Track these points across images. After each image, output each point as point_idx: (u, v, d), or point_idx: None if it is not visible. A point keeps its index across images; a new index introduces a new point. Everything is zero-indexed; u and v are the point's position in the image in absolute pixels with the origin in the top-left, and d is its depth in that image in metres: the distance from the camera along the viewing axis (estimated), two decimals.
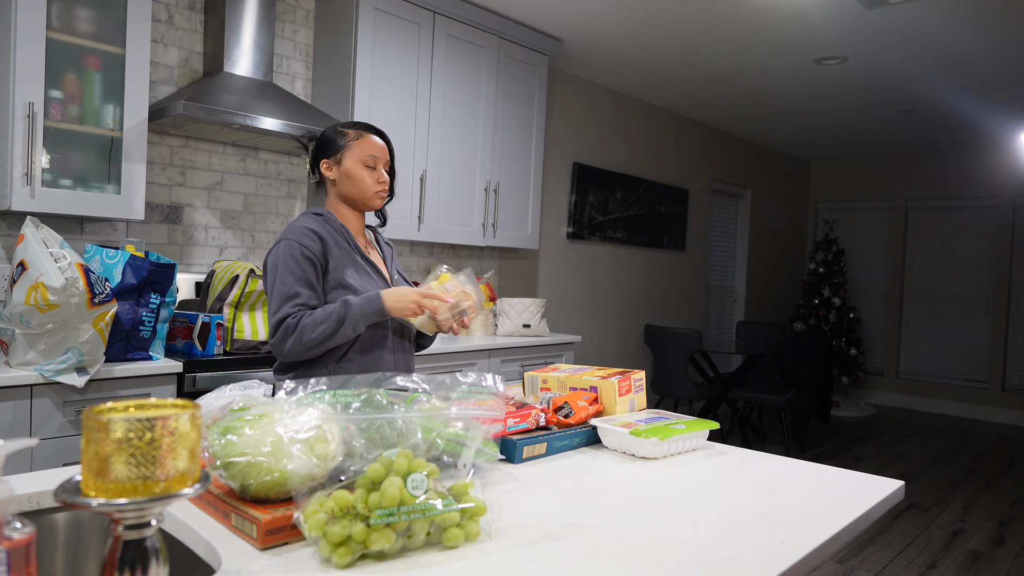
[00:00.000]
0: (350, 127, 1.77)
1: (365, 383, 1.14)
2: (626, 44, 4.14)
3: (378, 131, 1.79)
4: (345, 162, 1.73)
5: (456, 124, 3.61)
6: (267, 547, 0.91)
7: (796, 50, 4.10)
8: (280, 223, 3.27)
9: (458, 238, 3.64)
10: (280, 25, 3.22)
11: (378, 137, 1.77)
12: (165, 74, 2.87)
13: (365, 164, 1.73)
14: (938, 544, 3.53)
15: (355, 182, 1.74)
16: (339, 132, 1.76)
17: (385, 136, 1.80)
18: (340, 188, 1.76)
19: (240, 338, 2.61)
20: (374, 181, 1.75)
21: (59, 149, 2.38)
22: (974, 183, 6.89)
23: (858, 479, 1.33)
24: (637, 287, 5.48)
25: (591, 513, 1.09)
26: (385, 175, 1.77)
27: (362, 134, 1.75)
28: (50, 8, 2.30)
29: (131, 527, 0.65)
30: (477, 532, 0.95)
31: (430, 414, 1.09)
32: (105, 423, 0.62)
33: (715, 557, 0.94)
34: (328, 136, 1.77)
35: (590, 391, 1.61)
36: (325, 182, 1.79)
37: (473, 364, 3.36)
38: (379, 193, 1.76)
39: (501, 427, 1.35)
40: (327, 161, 1.75)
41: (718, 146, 6.29)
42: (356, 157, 1.73)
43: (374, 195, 1.75)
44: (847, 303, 7.23)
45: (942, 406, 7.04)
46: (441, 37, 3.49)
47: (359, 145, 1.73)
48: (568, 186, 4.79)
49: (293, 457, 0.93)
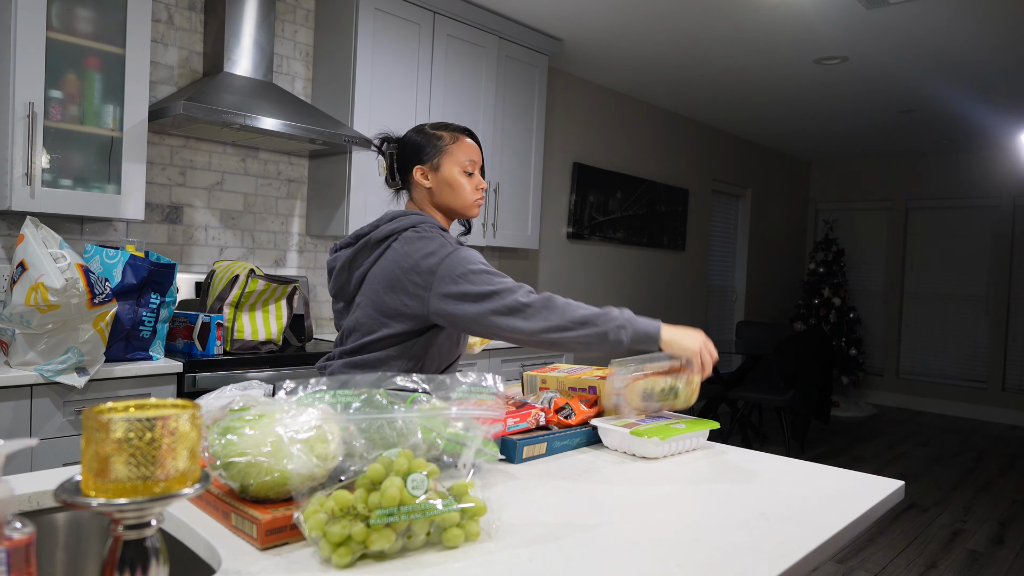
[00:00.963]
0: (442, 128, 1.64)
1: (365, 383, 1.14)
2: (626, 44, 4.14)
3: (471, 133, 1.67)
4: (444, 168, 1.60)
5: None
6: (267, 547, 0.91)
7: (796, 50, 4.10)
8: (280, 223, 3.27)
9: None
10: (280, 25, 3.22)
11: (472, 139, 1.65)
12: (165, 74, 2.87)
13: (464, 170, 1.61)
14: (938, 544, 3.53)
15: (455, 190, 1.60)
16: (432, 135, 1.62)
17: (477, 138, 1.68)
18: (437, 197, 1.62)
19: (240, 338, 2.61)
20: (473, 188, 1.62)
21: (59, 149, 2.38)
22: (974, 183, 6.89)
23: (858, 479, 1.33)
24: (637, 287, 5.48)
25: (591, 513, 1.09)
26: (483, 181, 1.65)
27: (458, 136, 1.62)
28: (50, 8, 2.31)
29: (131, 527, 0.65)
30: (477, 532, 0.95)
31: (430, 414, 1.09)
32: (105, 423, 0.62)
33: (715, 557, 0.94)
34: (418, 140, 1.63)
35: (589, 391, 1.61)
36: (411, 189, 1.64)
37: (473, 364, 3.36)
38: (478, 202, 1.64)
39: (501, 427, 1.35)
40: (422, 168, 1.61)
41: (718, 146, 6.29)
42: (456, 162, 1.60)
43: (473, 203, 1.63)
44: (847, 303, 7.23)
45: (942, 406, 7.04)
46: (441, 37, 3.49)
47: (458, 149, 1.61)
48: (568, 186, 4.79)
49: (293, 457, 0.93)
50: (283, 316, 2.73)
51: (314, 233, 3.33)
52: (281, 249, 3.28)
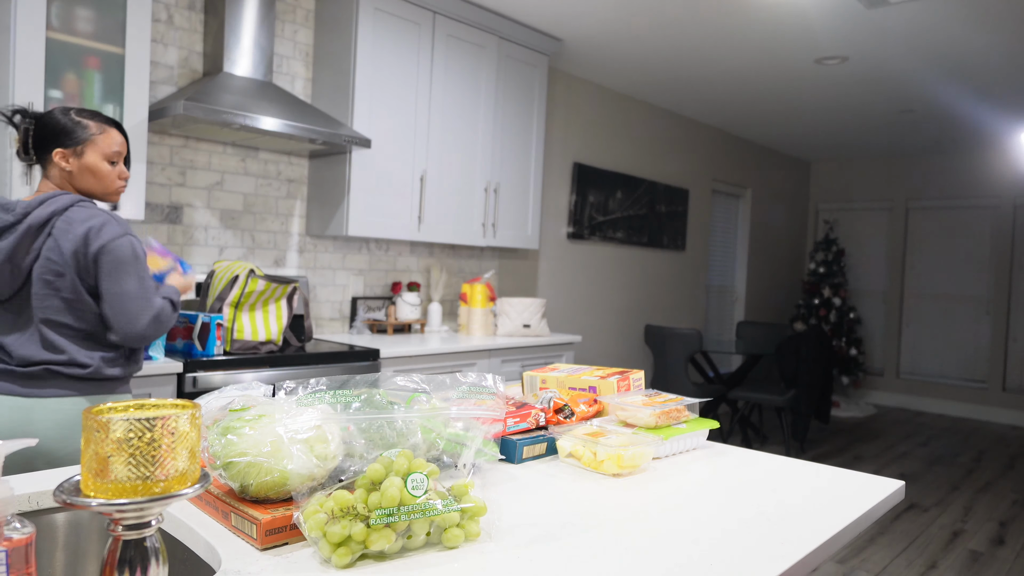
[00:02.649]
0: (89, 118, 1.69)
1: (365, 383, 1.14)
2: (626, 44, 4.14)
3: (119, 125, 1.74)
4: (88, 156, 1.68)
5: (456, 124, 3.61)
6: (267, 547, 0.91)
7: (796, 50, 4.10)
8: (280, 223, 3.27)
9: (458, 238, 3.64)
10: (280, 25, 3.22)
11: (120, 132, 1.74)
12: (165, 74, 2.87)
13: (109, 160, 1.70)
14: (938, 544, 3.53)
15: (99, 178, 1.70)
16: (79, 122, 1.67)
17: (124, 131, 1.76)
18: (77, 180, 1.69)
19: (240, 338, 2.61)
20: (116, 177, 1.73)
21: None
22: (974, 183, 6.89)
23: (858, 479, 1.33)
24: (637, 287, 5.48)
25: (591, 513, 1.09)
26: (126, 171, 1.76)
27: (105, 128, 1.70)
28: (50, 8, 2.31)
29: (131, 527, 0.65)
30: (477, 532, 0.95)
31: (430, 414, 1.09)
32: (105, 423, 0.62)
33: (715, 557, 0.94)
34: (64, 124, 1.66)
35: (589, 391, 1.61)
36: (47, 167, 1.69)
37: (473, 364, 3.36)
38: (119, 188, 1.74)
39: (501, 427, 1.35)
40: (63, 151, 1.66)
41: (718, 146, 6.29)
42: (101, 152, 1.69)
43: (115, 191, 1.74)
44: (847, 303, 7.23)
45: (942, 406, 7.04)
46: (441, 37, 3.49)
47: (104, 140, 1.69)
48: (568, 186, 4.79)
49: (293, 457, 0.93)
50: (283, 316, 2.73)
51: (314, 233, 3.33)
52: (281, 249, 3.28)
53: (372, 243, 3.65)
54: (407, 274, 3.83)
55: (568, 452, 1.35)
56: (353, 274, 3.57)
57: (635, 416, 1.47)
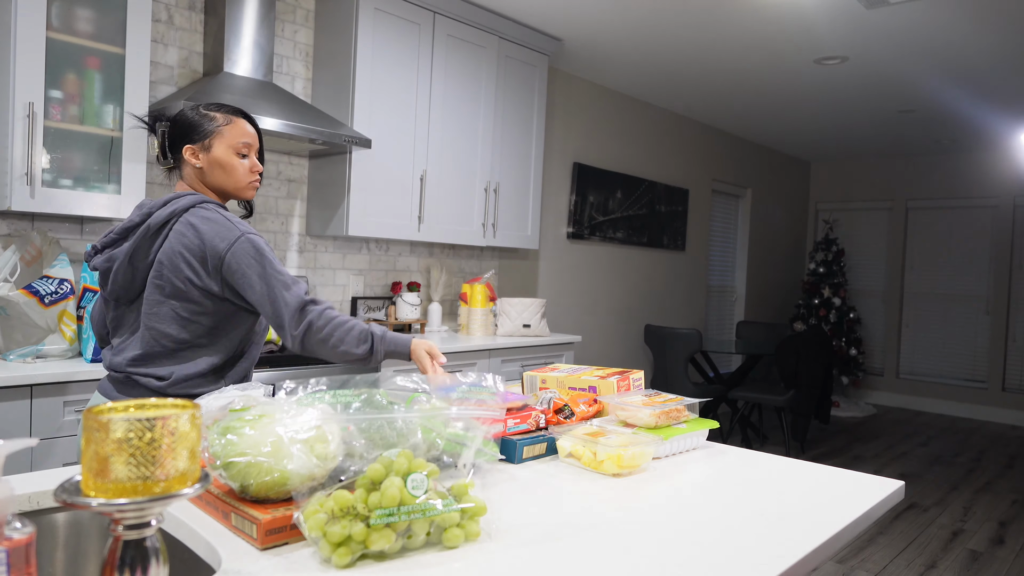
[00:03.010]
0: (216, 109, 1.60)
1: (365, 383, 1.14)
2: (626, 44, 4.14)
3: (248, 115, 1.65)
4: (216, 149, 1.57)
5: (456, 124, 3.61)
6: (267, 547, 0.91)
7: (796, 50, 4.10)
8: (280, 223, 3.27)
9: (458, 238, 3.64)
10: (280, 25, 3.22)
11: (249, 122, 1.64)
12: (165, 74, 2.87)
13: (238, 152, 1.59)
14: (938, 544, 3.53)
15: (227, 171, 1.59)
16: (205, 115, 1.59)
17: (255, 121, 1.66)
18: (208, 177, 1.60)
19: None
20: (247, 170, 1.62)
21: (59, 149, 2.38)
22: (974, 183, 6.89)
23: (858, 479, 1.33)
24: (637, 287, 5.48)
25: (591, 513, 1.09)
26: (259, 164, 1.65)
27: (232, 118, 1.60)
28: (50, 8, 2.31)
29: (131, 527, 0.65)
30: (477, 532, 0.95)
31: (430, 414, 1.09)
32: (105, 423, 0.62)
33: (715, 557, 0.94)
34: (191, 118, 1.59)
35: (589, 391, 1.61)
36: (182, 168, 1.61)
37: (473, 364, 3.36)
38: (252, 183, 1.64)
39: (501, 427, 1.35)
40: (192, 147, 1.58)
41: (718, 146, 6.29)
42: (228, 143, 1.58)
43: (247, 185, 1.63)
44: (847, 303, 7.23)
45: (942, 406, 7.04)
46: (441, 37, 3.49)
47: (230, 130, 1.59)
48: (568, 186, 4.79)
49: (293, 457, 0.93)
50: None
51: (314, 233, 3.33)
52: (281, 249, 3.28)
53: (372, 243, 3.65)
54: (407, 274, 3.83)
55: (568, 452, 1.35)
56: (353, 274, 3.57)
57: (635, 416, 1.47)
